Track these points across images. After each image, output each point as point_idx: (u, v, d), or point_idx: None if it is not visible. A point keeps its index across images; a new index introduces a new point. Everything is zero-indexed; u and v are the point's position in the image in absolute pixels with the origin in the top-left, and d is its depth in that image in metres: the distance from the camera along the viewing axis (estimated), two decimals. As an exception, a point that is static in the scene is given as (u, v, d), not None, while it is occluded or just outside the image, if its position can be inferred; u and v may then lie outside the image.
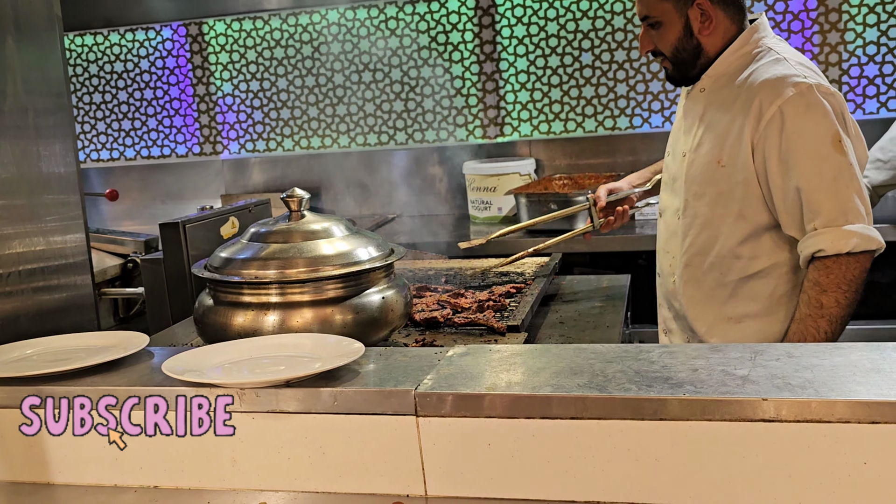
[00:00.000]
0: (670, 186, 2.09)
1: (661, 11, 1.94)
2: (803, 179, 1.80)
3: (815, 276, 1.81)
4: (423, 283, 2.17)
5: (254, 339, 1.35)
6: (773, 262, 1.92)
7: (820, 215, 1.79)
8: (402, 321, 1.62)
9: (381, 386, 1.12)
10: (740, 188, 1.89)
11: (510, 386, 1.08)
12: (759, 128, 1.83)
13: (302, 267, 1.48)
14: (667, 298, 2.13)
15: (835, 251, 1.78)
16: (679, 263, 2.04)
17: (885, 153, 2.92)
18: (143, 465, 1.18)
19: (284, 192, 1.60)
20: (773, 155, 1.83)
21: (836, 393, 0.99)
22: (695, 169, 1.98)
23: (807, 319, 1.81)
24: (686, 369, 1.08)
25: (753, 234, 1.91)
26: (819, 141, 1.80)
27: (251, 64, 4.31)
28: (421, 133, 4.18)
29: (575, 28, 3.94)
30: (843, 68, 3.71)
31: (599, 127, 3.98)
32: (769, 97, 1.83)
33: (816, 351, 1.12)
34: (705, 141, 1.96)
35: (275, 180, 4.30)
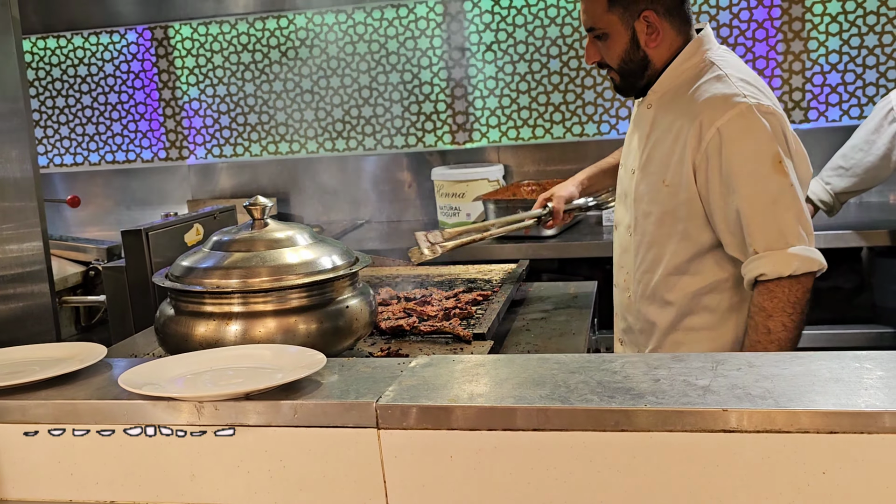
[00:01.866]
0: (623, 201, 2.08)
1: (607, 23, 1.91)
2: (744, 202, 1.79)
3: (760, 300, 1.80)
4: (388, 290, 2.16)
5: (215, 351, 1.33)
6: (717, 279, 1.92)
7: (760, 238, 1.78)
8: (368, 330, 1.60)
9: (343, 398, 1.11)
10: (684, 208, 1.88)
11: (472, 398, 1.07)
12: (700, 149, 1.82)
13: (265, 276, 1.46)
14: (621, 312, 2.14)
15: (776, 275, 1.77)
16: (632, 280, 2.04)
17: (847, 160, 2.96)
18: (98, 480, 1.16)
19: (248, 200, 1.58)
20: (714, 177, 1.81)
21: (796, 403, 0.99)
22: (642, 187, 1.97)
23: (756, 346, 1.80)
24: (648, 380, 1.08)
25: (698, 253, 1.91)
26: (759, 162, 1.78)
27: (218, 68, 4.27)
28: (389, 139, 4.16)
29: (543, 35, 3.95)
30: (807, 76, 3.76)
31: (567, 133, 4.00)
32: (709, 118, 1.81)
33: (777, 360, 1.12)
34: (652, 159, 1.94)
35: (242, 186, 4.27)
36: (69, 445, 1.16)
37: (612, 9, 1.89)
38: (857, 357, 1.11)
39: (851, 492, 0.97)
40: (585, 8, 1.94)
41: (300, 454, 1.10)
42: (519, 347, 1.83)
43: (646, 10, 1.88)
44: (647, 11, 1.88)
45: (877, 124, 2.88)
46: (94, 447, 1.15)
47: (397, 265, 2.62)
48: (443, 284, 2.26)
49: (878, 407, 0.96)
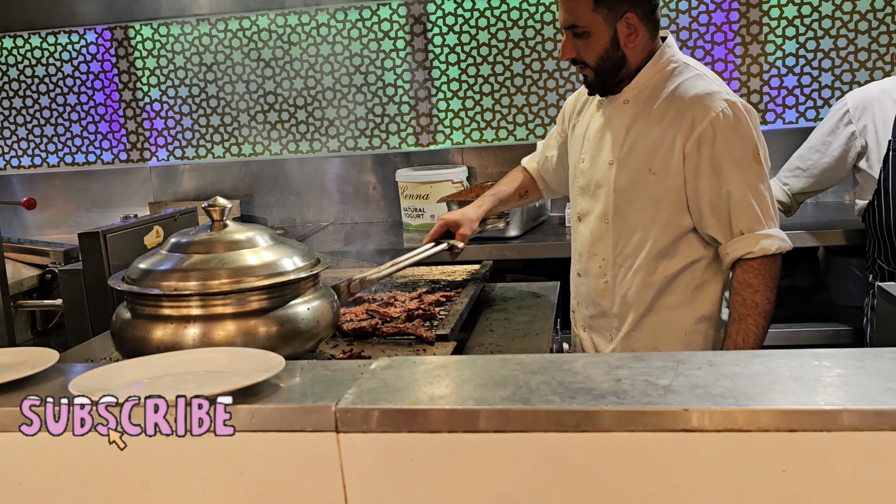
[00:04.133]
0: (590, 193, 2.13)
1: (591, 22, 1.98)
2: (732, 187, 1.95)
3: (746, 278, 1.96)
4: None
5: (171, 354, 1.29)
6: (690, 260, 2.05)
7: (744, 221, 1.96)
8: (329, 332, 1.58)
9: (302, 401, 1.08)
10: (671, 194, 2.00)
11: (433, 400, 1.05)
12: (692, 139, 1.95)
13: (224, 278, 1.43)
14: (591, 298, 2.18)
15: (761, 253, 1.95)
16: (610, 266, 2.10)
17: (803, 161, 2.99)
18: (48, 490, 1.12)
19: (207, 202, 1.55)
20: (704, 165, 1.95)
21: (756, 402, 0.98)
22: (623, 177, 2.04)
23: (746, 319, 1.96)
24: (609, 380, 1.07)
25: (676, 236, 2.03)
26: (744, 153, 1.95)
27: (180, 69, 4.20)
28: (353, 140, 4.13)
29: (506, 37, 3.95)
30: (764, 79, 3.79)
31: (530, 135, 3.99)
32: (701, 112, 1.95)
33: (737, 359, 1.12)
34: (635, 150, 2.02)
35: (205, 188, 4.21)
36: (18, 454, 1.12)
37: (598, 8, 1.97)
38: (816, 355, 1.11)
39: (811, 490, 0.96)
40: (568, 6, 1.99)
41: (258, 460, 1.07)
42: (482, 348, 1.81)
43: (628, 11, 1.97)
44: (630, 13, 1.97)
45: (832, 126, 2.92)
46: (44, 456, 1.11)
47: (360, 267, 2.59)
48: (406, 286, 2.24)
49: (837, 405, 0.96)
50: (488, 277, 2.35)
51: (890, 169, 2.79)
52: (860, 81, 3.69)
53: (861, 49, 3.72)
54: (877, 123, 2.84)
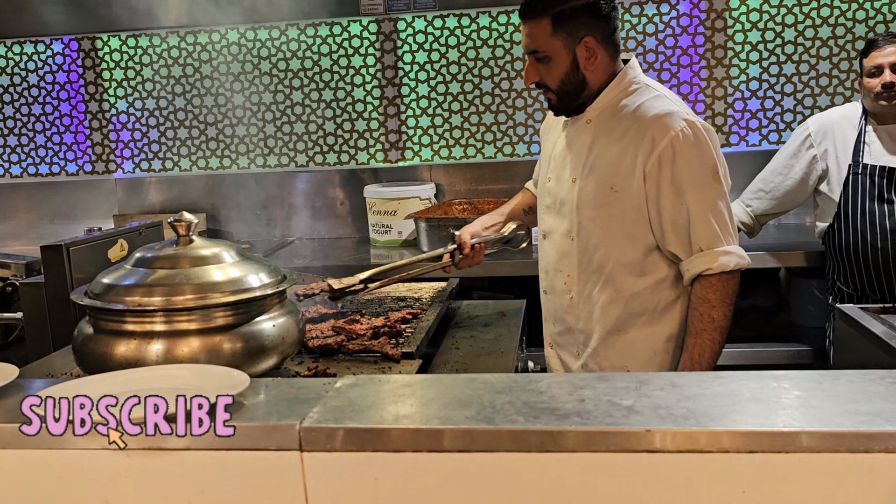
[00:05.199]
0: (556, 210, 2.16)
1: (551, 47, 2.01)
2: (692, 205, 1.98)
3: (703, 293, 2.00)
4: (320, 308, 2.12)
5: (133, 371, 1.28)
6: (657, 279, 2.07)
7: (703, 237, 1.99)
8: (295, 349, 1.57)
9: (266, 420, 1.07)
10: (632, 212, 2.02)
11: (398, 419, 1.05)
12: (652, 158, 1.98)
13: (189, 294, 1.42)
14: (558, 315, 2.20)
15: (719, 269, 1.98)
16: (576, 282, 2.12)
17: (766, 184, 3.05)
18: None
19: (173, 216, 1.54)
20: (665, 183, 1.98)
21: (717, 423, 1.00)
22: (587, 194, 2.07)
23: (703, 334, 1.99)
24: (573, 400, 1.08)
25: (642, 253, 2.05)
26: (702, 172, 1.98)
27: (147, 81, 4.17)
28: (322, 156, 4.13)
29: (475, 56, 3.98)
30: (728, 102, 3.86)
31: (498, 153, 4.02)
32: (661, 131, 1.98)
33: (699, 380, 1.13)
34: (597, 168, 2.05)
35: (171, 201, 4.17)
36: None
37: (556, 34, 1.99)
38: (776, 377, 1.13)
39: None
40: (529, 32, 2.02)
41: (221, 479, 1.06)
42: (448, 366, 1.81)
43: (586, 36, 2.00)
44: (588, 38, 2.00)
45: (794, 150, 2.97)
46: (2, 474, 1.09)
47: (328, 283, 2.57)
48: (372, 303, 2.23)
49: (796, 427, 0.98)
50: (455, 295, 2.35)
51: (850, 192, 2.85)
52: (821, 106, 3.77)
53: (822, 74, 3.80)
54: (837, 148, 2.90)
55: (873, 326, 2.05)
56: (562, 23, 1.97)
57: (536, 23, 1.99)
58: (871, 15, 3.74)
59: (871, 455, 0.95)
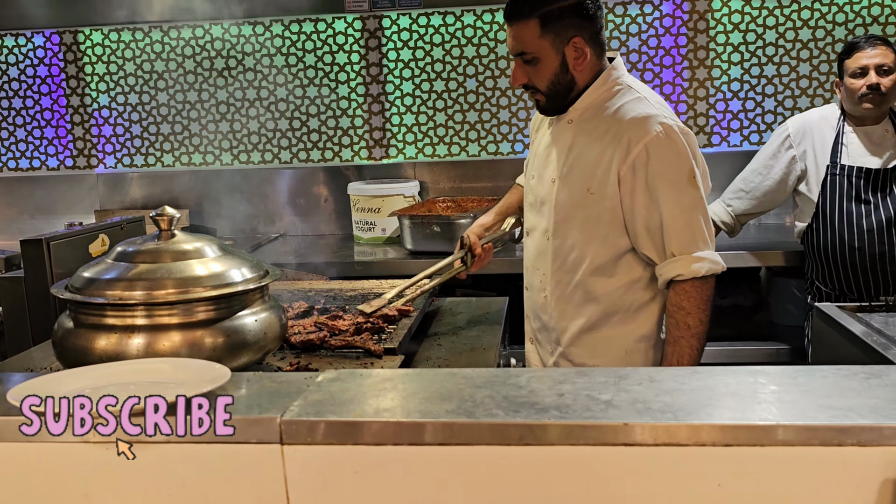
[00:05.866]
0: (537, 209, 2.18)
1: (539, 48, 2.00)
2: (665, 210, 1.97)
3: (678, 300, 2.00)
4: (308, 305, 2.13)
5: (113, 365, 1.28)
6: (630, 279, 2.08)
7: (676, 242, 1.98)
8: (277, 344, 1.57)
9: (247, 413, 1.08)
10: (607, 214, 2.02)
11: (378, 412, 1.06)
12: (627, 161, 1.97)
13: (171, 288, 1.42)
14: (535, 311, 2.22)
15: (691, 275, 1.98)
16: (549, 280, 2.14)
17: (746, 184, 3.07)
18: (-16, 501, 1.09)
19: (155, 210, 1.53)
20: (639, 187, 1.98)
21: (694, 417, 1.01)
22: (564, 194, 2.08)
23: (680, 341, 1.99)
24: (552, 394, 1.09)
25: (616, 255, 2.06)
26: (678, 176, 1.98)
27: (130, 76, 4.15)
28: (306, 153, 4.12)
29: (460, 54, 3.98)
30: (710, 103, 3.89)
31: (483, 151, 4.03)
32: (637, 135, 1.97)
33: (677, 375, 1.14)
34: (575, 169, 2.06)
35: (153, 197, 4.15)
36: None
37: (545, 35, 1.99)
38: (753, 372, 1.14)
39: (745, 503, 0.99)
40: (516, 34, 2.02)
41: (201, 472, 1.07)
42: (430, 362, 1.82)
43: (575, 36, 1.99)
44: (577, 38, 2.00)
45: (774, 150, 3.00)
46: (-19, 466, 1.09)
47: (310, 279, 2.58)
48: (355, 299, 2.23)
49: (772, 420, 0.99)
50: (437, 292, 2.35)
51: (828, 193, 2.88)
52: (801, 108, 3.81)
53: (802, 76, 3.84)
54: (816, 148, 2.93)
55: (851, 325, 2.08)
56: (550, 23, 1.97)
57: (523, 24, 1.98)
58: (850, 18, 3.78)
59: (843, 448, 0.96)
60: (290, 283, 2.48)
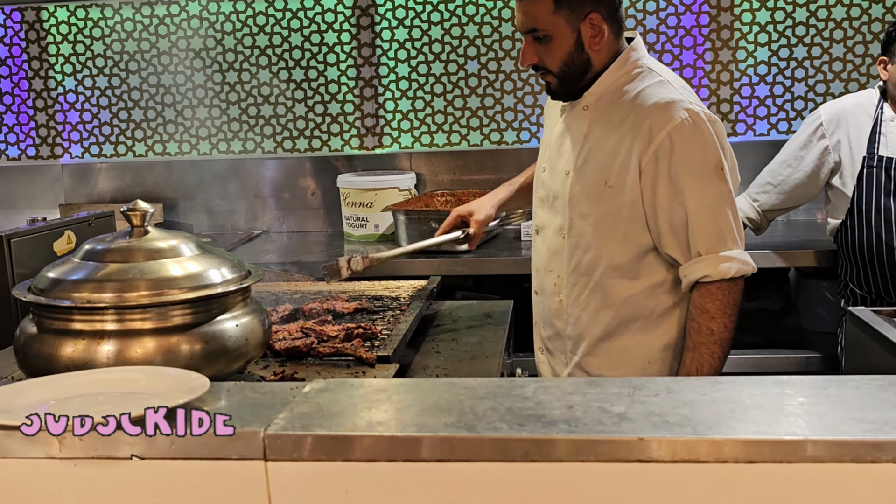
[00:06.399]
0: (549, 204, 2.17)
1: (552, 25, 2.00)
2: (690, 205, 1.97)
3: (702, 303, 1.99)
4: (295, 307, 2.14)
5: (82, 374, 1.28)
6: (652, 283, 2.07)
7: (702, 240, 1.98)
8: (260, 351, 1.58)
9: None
10: (627, 209, 2.02)
11: (371, 426, 1.06)
12: (649, 151, 1.97)
13: (144, 290, 1.43)
14: (547, 318, 2.21)
15: (718, 277, 1.97)
16: (565, 283, 2.13)
17: (774, 177, 3.08)
18: (-60, 522, 1.10)
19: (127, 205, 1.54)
20: (662, 179, 1.98)
21: (715, 431, 1.01)
22: (579, 188, 2.07)
23: (701, 347, 1.99)
24: (561, 406, 1.09)
25: (636, 255, 2.06)
26: (704, 168, 1.98)
27: (98, 57, 4.15)
28: (291, 141, 4.13)
29: (460, 34, 3.99)
30: (735, 87, 3.90)
31: (485, 140, 4.04)
32: (659, 122, 1.97)
33: (697, 386, 1.15)
34: (591, 160, 2.06)
35: (124, 190, 4.16)
36: None
37: (559, 10, 1.99)
38: (779, 382, 1.15)
39: (771, 525, 1.00)
40: (526, 10, 2.02)
41: (177, 490, 1.07)
42: (427, 371, 1.83)
43: (592, 11, 2.00)
44: (593, 14, 2.00)
45: (805, 140, 3.01)
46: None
47: (296, 280, 2.59)
48: (347, 301, 2.24)
49: (800, 435, 1.00)
50: (436, 294, 2.36)
51: (864, 187, 2.89)
52: (834, 93, 3.82)
53: (836, 59, 3.85)
54: (851, 138, 2.94)
55: (887, 331, 2.08)
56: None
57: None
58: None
59: (878, 465, 0.97)
60: (273, 284, 2.49)
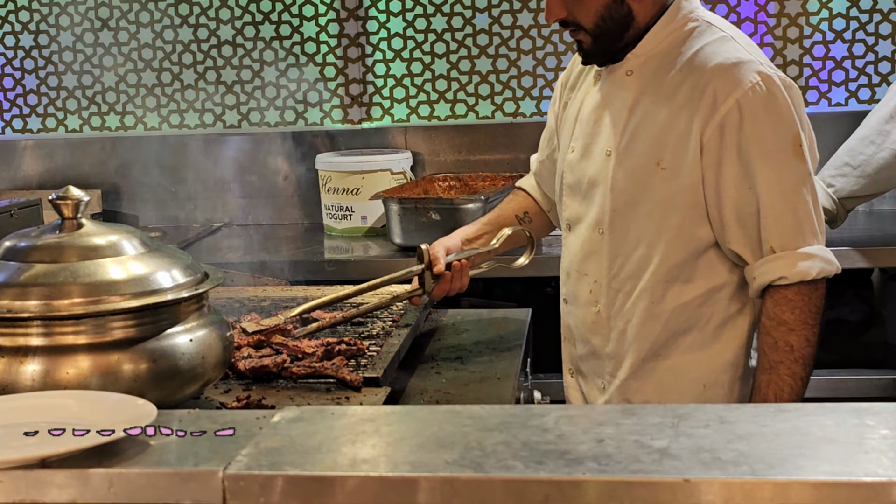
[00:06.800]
0: (582, 193, 2.16)
1: None
2: (763, 188, 1.97)
3: (778, 312, 1.98)
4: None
5: (1, 399, 1.29)
6: (710, 287, 2.06)
7: (777, 234, 1.97)
8: (219, 372, 1.60)
9: (179, 465, 1.09)
10: (684, 196, 2.02)
11: (355, 464, 1.07)
12: (712, 123, 1.97)
13: (77, 296, 1.45)
14: (581, 333, 2.20)
15: (797, 279, 1.96)
16: (605, 290, 2.12)
17: (854, 157, 3.07)
18: None
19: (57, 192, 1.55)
20: (728, 157, 1.98)
21: (778, 471, 1.02)
22: (624, 172, 2.06)
23: (779, 367, 1.97)
24: (589, 439, 1.10)
25: (693, 253, 2.05)
26: (779, 145, 1.97)
27: (22, 10, 4.16)
28: (259, 113, 4.13)
29: (467, -20, 3.99)
30: (805, 46, 3.89)
31: (497, 112, 4.04)
32: (725, 87, 1.96)
33: (756, 415, 1.15)
34: (639, 137, 2.05)
35: (53, 173, 4.16)
36: None
37: None
38: (857, 411, 1.15)
39: (846, 586, 1.00)
40: None
41: (118, 543, 1.08)
42: (425, 396, 1.84)
43: None
44: None
45: (891, 111, 3.00)
46: None
47: (265, 285, 2.59)
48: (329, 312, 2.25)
49: (883, 476, 1.00)
50: (436, 302, 2.37)
51: (965, 169, 2.89)
52: (929, 53, 3.81)
53: (931, 11, 3.85)
54: (949, 110, 2.94)
55: None
56: None
57: None
58: None
59: (979, 514, 0.97)
60: (237, 289, 2.50)
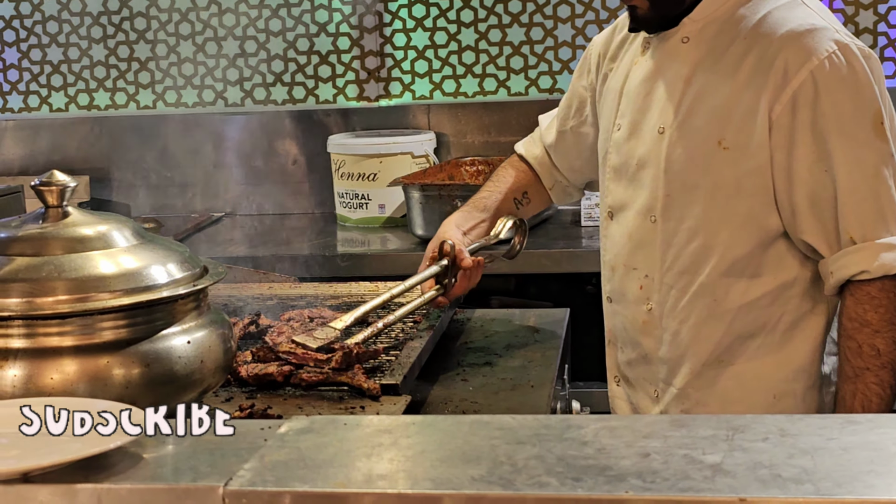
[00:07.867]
0: (629, 176, 2.16)
1: None
2: (841, 171, 1.96)
3: (860, 312, 1.98)
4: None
5: (-22, 407, 1.31)
6: (779, 283, 2.06)
7: (856, 222, 1.97)
8: (220, 378, 1.60)
9: (175, 480, 1.10)
10: (751, 180, 2.02)
11: (371, 480, 1.07)
12: (783, 98, 1.97)
13: (62, 293, 1.45)
14: (629, 335, 2.21)
15: (881, 273, 1.95)
16: (658, 285, 2.12)
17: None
18: None
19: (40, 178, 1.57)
20: (802, 136, 1.97)
21: (846, 490, 1.01)
22: (681, 151, 2.06)
23: (865, 375, 1.97)
24: (633, 454, 1.10)
25: (760, 244, 2.05)
26: (858, 122, 1.97)
27: (2, -24, 4.20)
28: (265, 89, 4.14)
29: (498, -60, 3.99)
30: (880, 12, 3.86)
31: (532, 87, 4.03)
32: (798, 58, 1.96)
33: (821, 427, 1.15)
34: (698, 113, 2.05)
35: (36, 157, 4.20)
36: None
37: None
38: (936, 422, 1.15)
39: None
40: None
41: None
42: (450, 406, 1.84)
43: None
44: None
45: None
46: None
47: (271, 281, 2.60)
48: (340, 310, 2.25)
49: (965, 496, 1.00)
50: (462, 301, 2.37)
51: None
52: None
53: None
54: None
55: None
56: None
57: None
58: None
59: None
60: (240, 286, 2.51)
